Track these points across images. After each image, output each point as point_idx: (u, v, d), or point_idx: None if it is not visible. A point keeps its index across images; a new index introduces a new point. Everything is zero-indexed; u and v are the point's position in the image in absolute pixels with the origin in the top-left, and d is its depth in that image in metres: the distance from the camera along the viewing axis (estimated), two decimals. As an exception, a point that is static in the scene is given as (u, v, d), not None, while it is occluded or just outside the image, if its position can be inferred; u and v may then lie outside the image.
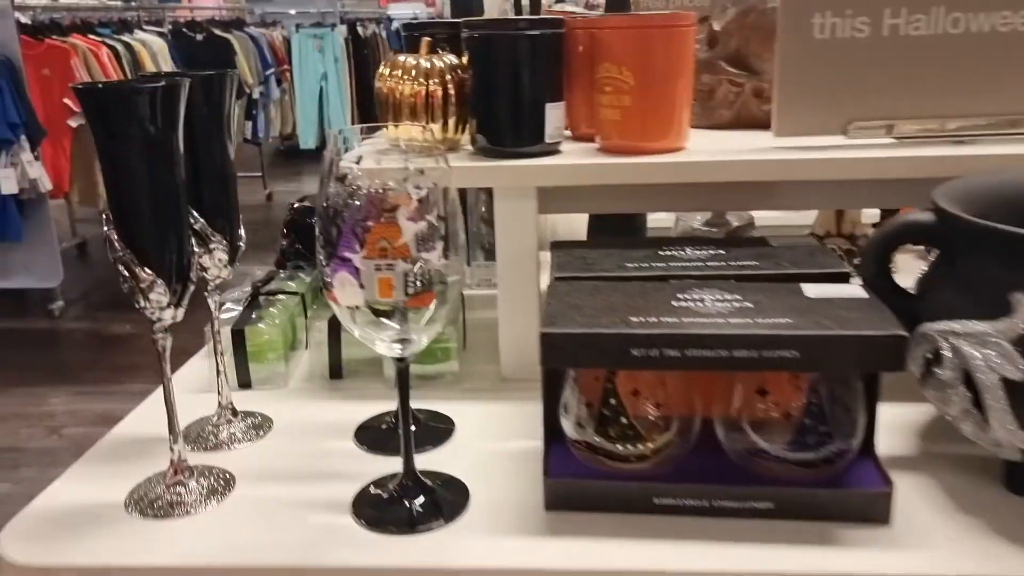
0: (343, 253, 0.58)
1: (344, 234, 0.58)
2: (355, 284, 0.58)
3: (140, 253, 0.61)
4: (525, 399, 0.83)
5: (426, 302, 0.60)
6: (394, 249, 0.58)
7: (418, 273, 0.58)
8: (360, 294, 0.59)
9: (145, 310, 0.63)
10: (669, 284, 0.69)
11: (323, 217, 0.60)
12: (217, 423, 0.79)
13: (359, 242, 0.58)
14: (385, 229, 0.57)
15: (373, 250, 0.58)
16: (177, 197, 0.62)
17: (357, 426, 0.79)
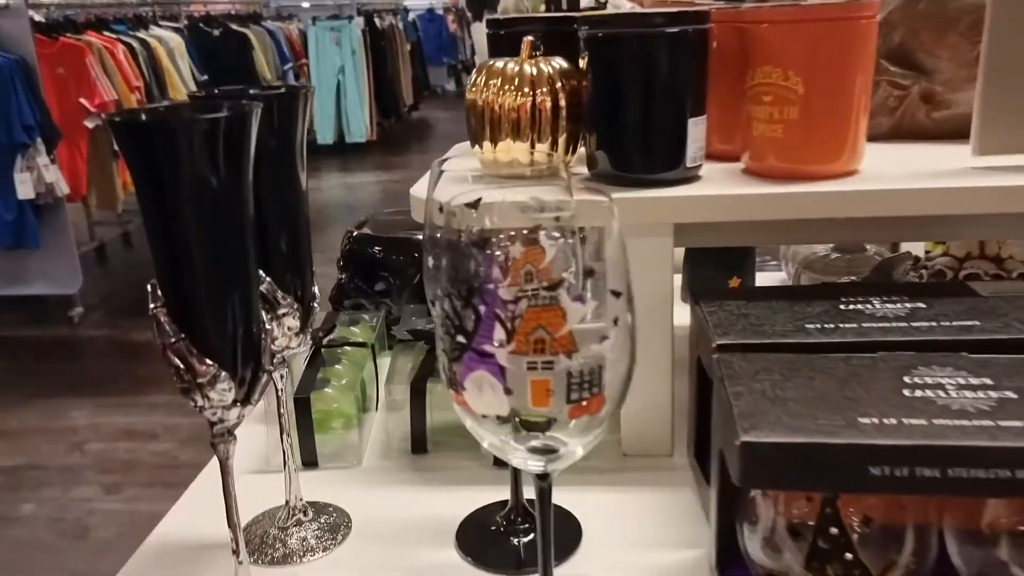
0: (482, 346, 0.42)
1: (484, 320, 0.41)
2: (498, 387, 0.42)
3: (199, 338, 0.45)
4: (659, 485, 0.67)
5: (594, 409, 0.43)
6: (555, 341, 0.41)
7: (585, 371, 0.42)
8: (505, 401, 0.42)
9: (204, 410, 0.47)
10: (882, 360, 0.52)
11: (453, 295, 0.42)
12: (285, 525, 0.63)
13: (506, 332, 0.41)
14: (543, 314, 0.41)
15: (525, 342, 0.41)
16: (246, 261, 0.46)
17: (458, 525, 0.64)
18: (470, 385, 0.42)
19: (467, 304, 0.42)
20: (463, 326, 0.42)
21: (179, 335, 0.45)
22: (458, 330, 0.42)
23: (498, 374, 0.41)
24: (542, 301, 0.40)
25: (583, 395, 0.41)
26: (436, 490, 0.69)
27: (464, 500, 0.66)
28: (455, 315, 0.42)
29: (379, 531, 0.64)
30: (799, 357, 0.53)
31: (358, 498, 0.68)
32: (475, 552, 0.61)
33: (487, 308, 0.41)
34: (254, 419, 0.81)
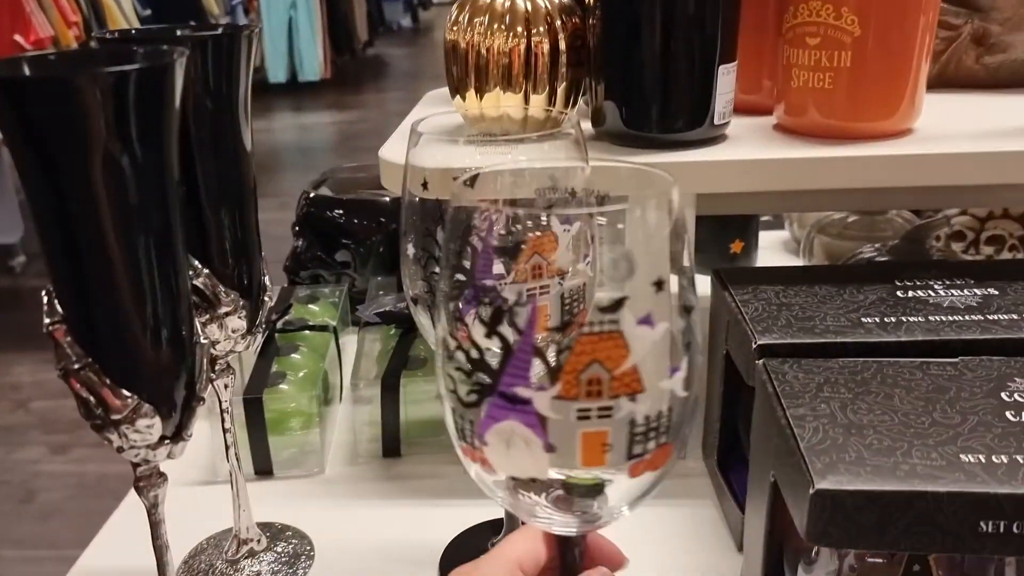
0: (513, 388, 0.30)
1: (517, 352, 0.29)
2: (536, 444, 0.30)
3: (111, 361, 0.34)
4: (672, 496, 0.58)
5: (660, 462, 0.33)
6: (614, 380, 0.31)
7: (652, 415, 0.31)
8: (545, 461, 0.30)
9: (123, 451, 0.36)
10: (968, 368, 0.43)
11: (432, 230, 0.39)
12: (234, 558, 0.53)
13: (549, 368, 0.29)
14: (598, 343, 0.29)
15: (575, 383, 0.29)
16: (171, 256, 0.35)
17: (441, 553, 0.54)
18: (494, 440, 0.30)
19: (492, 331, 0.31)
20: (484, 359, 0.31)
21: (84, 359, 0.34)
22: (477, 365, 0.31)
23: (536, 426, 0.30)
24: (599, 327, 0.29)
25: (647, 447, 0.31)
26: (413, 505, 0.59)
27: (448, 517, 0.56)
28: (472, 345, 0.31)
29: (346, 561, 0.54)
30: (866, 364, 0.44)
31: (321, 516, 0.58)
32: (465, 588, 0.51)
33: (524, 338, 0.30)
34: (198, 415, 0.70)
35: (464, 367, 0.30)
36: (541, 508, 0.33)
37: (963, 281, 0.52)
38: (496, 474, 0.32)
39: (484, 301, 0.43)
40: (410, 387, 0.63)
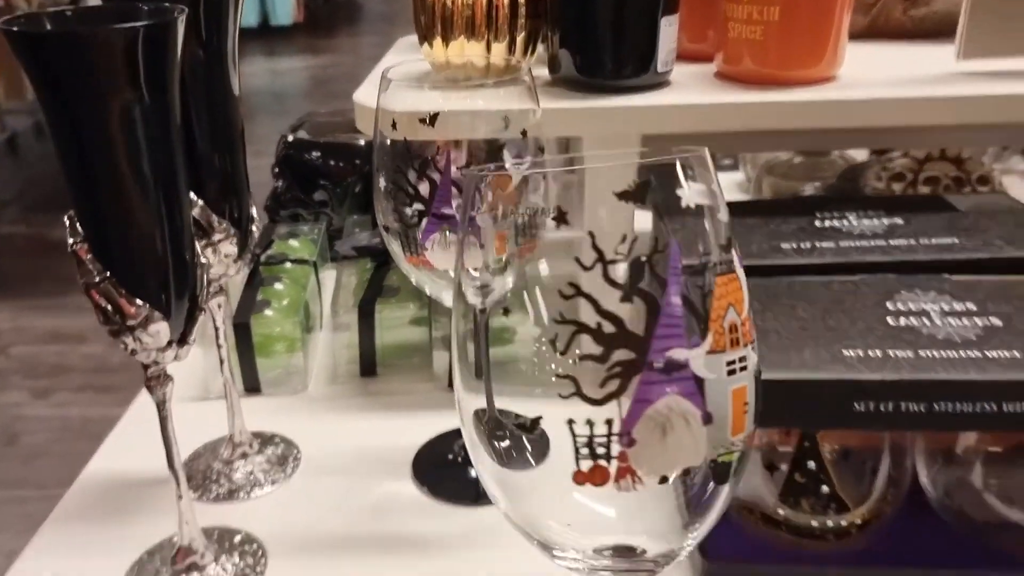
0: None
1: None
2: (696, 417, 0.35)
3: (126, 275, 0.40)
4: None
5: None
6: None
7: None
8: (703, 438, 0.37)
9: (136, 354, 0.42)
10: (864, 283, 0.50)
11: (403, 167, 0.47)
12: (230, 459, 0.59)
13: (698, 318, 0.36)
14: (728, 283, 0.34)
15: (721, 331, 0.36)
16: (176, 187, 0.41)
17: (413, 456, 0.61)
18: (646, 431, 0.25)
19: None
20: (624, 329, 0.26)
21: (103, 273, 0.40)
22: (614, 340, 0.26)
23: (695, 393, 0.26)
24: (724, 267, 0.27)
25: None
26: (388, 417, 0.66)
27: (419, 427, 0.63)
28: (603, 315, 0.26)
29: (330, 462, 0.61)
30: (778, 282, 0.51)
31: (306, 427, 0.64)
32: (432, 483, 0.58)
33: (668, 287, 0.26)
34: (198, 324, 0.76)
35: (590, 347, 0.26)
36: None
37: (875, 212, 0.59)
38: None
39: (444, 228, 0.50)
40: (384, 313, 0.70)
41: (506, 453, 0.28)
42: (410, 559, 0.52)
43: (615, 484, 0.26)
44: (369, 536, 0.54)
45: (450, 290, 0.52)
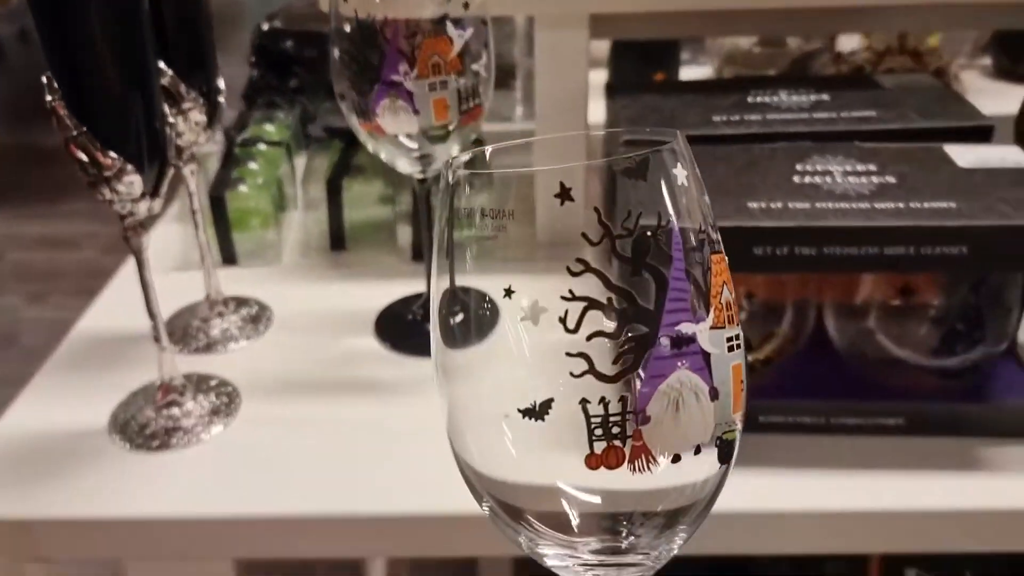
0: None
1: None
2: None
3: (100, 131, 0.44)
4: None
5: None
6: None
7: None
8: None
9: (113, 204, 0.47)
10: (781, 149, 0.55)
11: (353, 38, 0.51)
12: (206, 316, 0.65)
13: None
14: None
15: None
16: (144, 52, 0.45)
17: (376, 315, 0.66)
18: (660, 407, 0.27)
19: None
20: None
21: (80, 128, 0.44)
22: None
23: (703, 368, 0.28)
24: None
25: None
26: (355, 284, 0.71)
27: (382, 293, 0.68)
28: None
29: (300, 322, 0.66)
30: (704, 149, 0.55)
31: (279, 292, 0.70)
32: (392, 339, 0.64)
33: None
34: (172, 219, 0.81)
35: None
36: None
37: (806, 90, 0.63)
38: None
39: (392, 95, 0.54)
40: (353, 190, 0.74)
41: (459, 329, 0.27)
42: (370, 401, 0.58)
43: (629, 465, 0.25)
44: (333, 382, 0.60)
45: (404, 157, 0.57)
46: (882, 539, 0.50)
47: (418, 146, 0.55)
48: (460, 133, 0.55)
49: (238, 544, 0.52)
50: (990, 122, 0.57)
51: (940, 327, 0.51)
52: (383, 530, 0.51)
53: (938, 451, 0.51)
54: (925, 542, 0.50)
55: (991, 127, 0.57)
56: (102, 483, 0.52)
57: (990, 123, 0.57)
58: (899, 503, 0.49)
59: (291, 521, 0.50)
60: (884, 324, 0.52)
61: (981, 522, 0.48)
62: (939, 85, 0.64)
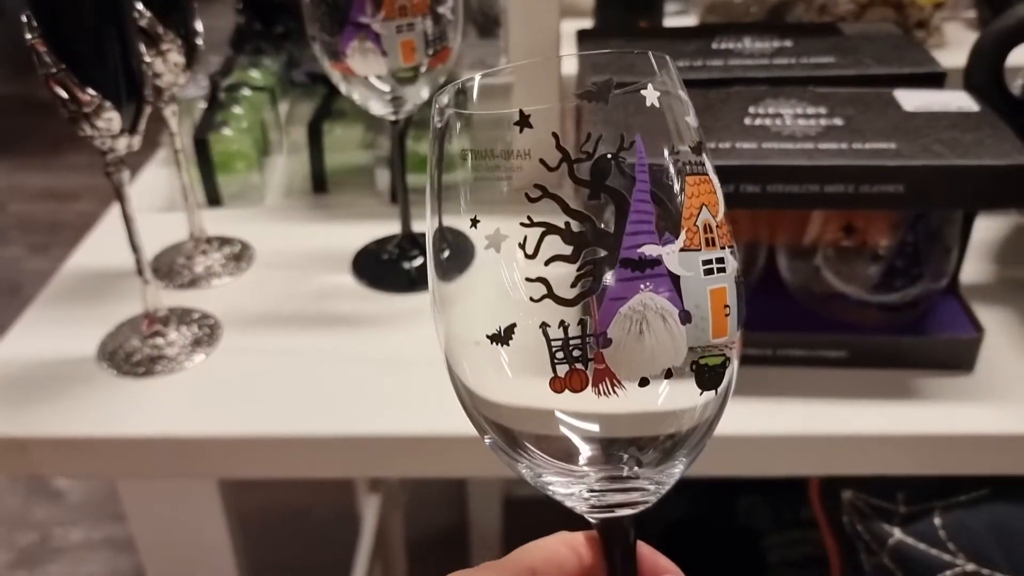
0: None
1: (635, 203, 0.42)
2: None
3: (79, 69, 0.47)
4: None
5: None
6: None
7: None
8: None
9: (93, 139, 0.50)
10: (736, 92, 0.57)
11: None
12: (190, 254, 0.67)
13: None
14: (700, 184, 0.42)
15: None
16: (115, -8, 0.47)
17: (353, 255, 0.69)
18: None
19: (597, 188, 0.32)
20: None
21: (59, 65, 0.47)
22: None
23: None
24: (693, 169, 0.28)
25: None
26: (335, 225, 0.73)
27: (360, 233, 0.71)
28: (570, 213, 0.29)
29: (281, 260, 0.69)
30: (661, 91, 0.57)
31: (261, 232, 0.72)
32: (368, 276, 0.66)
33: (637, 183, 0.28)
34: (160, 163, 0.84)
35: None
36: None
37: (769, 37, 0.65)
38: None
39: (361, 37, 0.56)
40: (334, 133, 0.77)
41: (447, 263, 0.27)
42: (345, 333, 0.61)
43: (594, 389, 0.25)
44: (311, 315, 0.63)
45: (377, 99, 0.59)
46: (821, 463, 0.53)
47: (389, 88, 0.57)
48: (429, 75, 0.57)
49: (221, 463, 0.55)
50: (942, 69, 0.59)
51: (882, 264, 0.53)
52: (358, 449, 0.54)
53: (877, 382, 0.54)
54: (863, 465, 0.53)
55: (943, 74, 0.59)
56: (92, 406, 0.55)
57: (942, 70, 0.59)
58: (838, 429, 0.52)
59: (270, 441, 0.54)
60: (830, 262, 0.55)
61: (914, 447, 0.51)
62: (898, 33, 0.66)
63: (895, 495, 0.55)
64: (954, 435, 0.51)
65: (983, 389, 0.53)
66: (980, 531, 0.51)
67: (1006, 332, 0.57)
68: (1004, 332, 0.57)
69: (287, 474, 0.57)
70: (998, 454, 0.51)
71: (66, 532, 1.59)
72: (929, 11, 1.07)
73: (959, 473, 0.52)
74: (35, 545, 1.57)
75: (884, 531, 0.55)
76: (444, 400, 0.54)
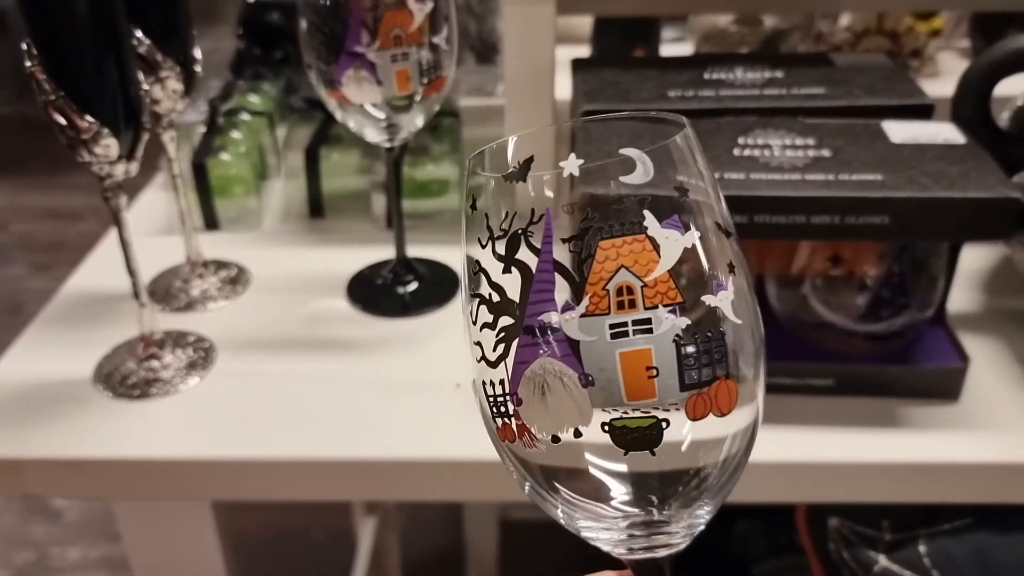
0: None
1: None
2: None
3: (77, 96, 0.48)
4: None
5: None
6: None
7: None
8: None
9: (91, 165, 0.50)
10: (726, 123, 0.58)
11: (319, 10, 0.53)
12: (187, 278, 0.68)
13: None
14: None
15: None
16: (115, 21, 0.48)
17: (348, 280, 0.70)
18: (528, 391, 0.30)
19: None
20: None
21: (58, 93, 0.47)
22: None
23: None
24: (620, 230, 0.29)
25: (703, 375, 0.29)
26: (330, 249, 0.74)
27: (356, 258, 0.72)
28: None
29: (277, 284, 0.70)
30: (652, 121, 0.58)
31: (258, 256, 0.73)
32: (363, 301, 0.67)
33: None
34: (159, 187, 0.85)
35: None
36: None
37: (760, 67, 0.66)
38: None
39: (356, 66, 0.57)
40: (332, 159, 0.78)
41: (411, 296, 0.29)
42: (338, 357, 0.61)
43: (520, 441, 0.27)
44: (304, 339, 0.63)
45: (372, 126, 0.60)
46: (808, 490, 0.53)
47: (384, 116, 0.58)
48: (424, 103, 0.58)
49: (215, 486, 0.56)
50: (930, 101, 0.60)
51: (869, 294, 0.54)
52: (351, 473, 0.54)
53: (864, 410, 0.54)
54: (849, 493, 0.54)
55: (931, 106, 0.60)
56: (87, 428, 0.56)
57: (930, 102, 0.60)
58: (825, 456, 0.52)
59: (263, 464, 0.54)
60: (818, 291, 0.55)
61: (899, 475, 0.52)
62: (889, 64, 0.66)
63: (881, 523, 0.55)
64: (939, 463, 0.51)
65: (968, 418, 0.53)
66: (964, 559, 0.51)
67: (992, 361, 0.58)
68: (990, 361, 0.58)
69: (280, 497, 0.58)
70: (982, 483, 0.51)
71: (63, 551, 1.59)
72: (924, 40, 1.09)
73: (944, 501, 0.52)
74: (32, 564, 1.57)
75: (870, 558, 0.55)
76: (437, 424, 0.55)
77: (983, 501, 0.52)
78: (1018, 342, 0.60)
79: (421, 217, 0.77)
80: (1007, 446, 0.52)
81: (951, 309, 0.59)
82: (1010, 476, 0.51)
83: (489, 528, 1.32)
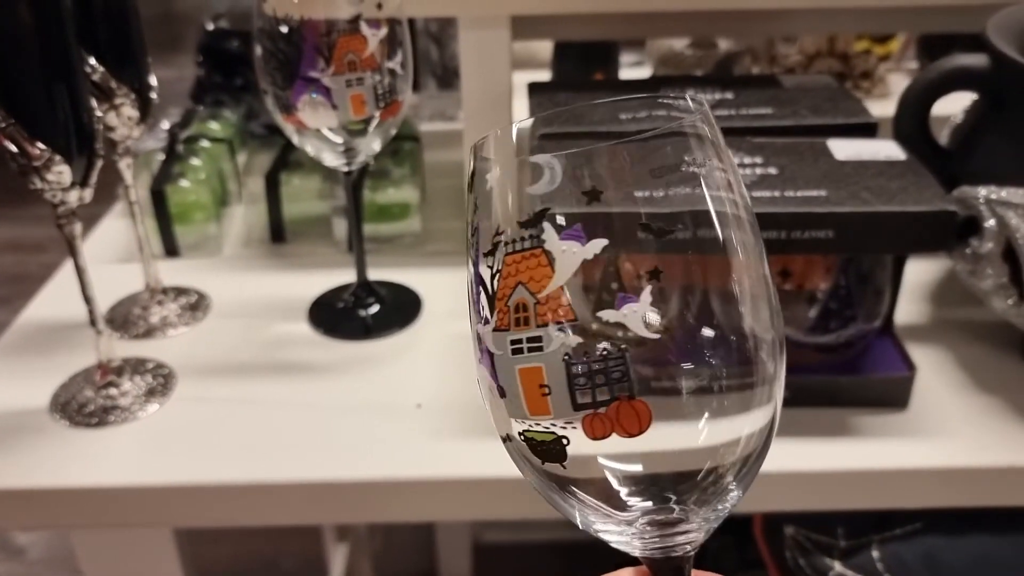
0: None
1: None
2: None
3: (29, 123, 0.48)
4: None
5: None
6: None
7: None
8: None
9: (44, 192, 0.50)
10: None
11: (274, 35, 0.53)
12: (146, 305, 0.68)
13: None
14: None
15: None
16: (67, 49, 0.48)
17: (310, 304, 0.70)
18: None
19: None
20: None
21: (8, 120, 0.48)
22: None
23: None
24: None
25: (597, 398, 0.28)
26: (292, 274, 0.74)
27: (317, 282, 0.72)
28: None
29: (238, 310, 0.70)
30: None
31: (218, 282, 0.73)
32: (324, 324, 0.67)
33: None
34: (118, 214, 0.84)
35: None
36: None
37: (711, 89, 0.67)
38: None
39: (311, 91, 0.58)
40: (292, 184, 0.78)
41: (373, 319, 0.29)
42: (300, 381, 0.62)
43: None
44: (266, 364, 0.64)
45: (330, 151, 0.61)
46: (763, 499, 0.54)
47: (341, 140, 0.59)
48: (381, 128, 0.59)
49: (175, 512, 0.55)
50: (874, 120, 0.62)
51: (817, 307, 0.55)
52: (313, 495, 0.54)
53: (816, 420, 0.55)
54: (803, 501, 0.55)
55: (875, 124, 0.61)
56: (44, 457, 0.55)
57: (874, 120, 0.62)
58: (779, 466, 0.53)
59: (224, 489, 0.54)
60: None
61: (851, 482, 0.53)
62: (835, 85, 0.68)
63: (835, 529, 0.56)
64: (890, 470, 0.53)
65: (917, 425, 0.55)
66: (914, 563, 0.52)
67: (938, 370, 0.59)
68: (936, 370, 0.59)
69: (243, 522, 0.57)
70: (931, 488, 0.52)
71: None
72: (874, 63, 1.12)
73: (894, 507, 0.54)
74: (-8, 603, 1.53)
75: (825, 564, 0.56)
76: (400, 444, 0.55)
77: (932, 506, 0.53)
78: (963, 350, 0.62)
79: (383, 240, 0.77)
80: (954, 452, 0.53)
81: (899, 320, 0.61)
82: (957, 480, 0.52)
83: (462, 552, 1.31)
